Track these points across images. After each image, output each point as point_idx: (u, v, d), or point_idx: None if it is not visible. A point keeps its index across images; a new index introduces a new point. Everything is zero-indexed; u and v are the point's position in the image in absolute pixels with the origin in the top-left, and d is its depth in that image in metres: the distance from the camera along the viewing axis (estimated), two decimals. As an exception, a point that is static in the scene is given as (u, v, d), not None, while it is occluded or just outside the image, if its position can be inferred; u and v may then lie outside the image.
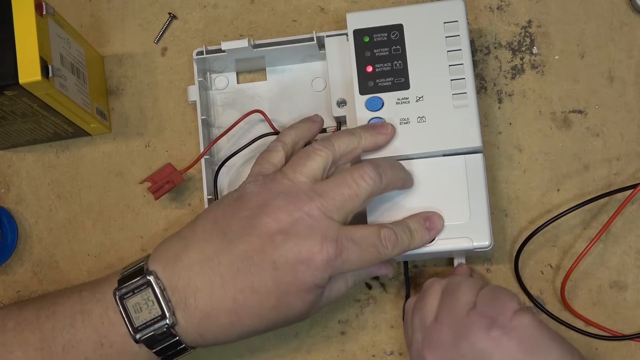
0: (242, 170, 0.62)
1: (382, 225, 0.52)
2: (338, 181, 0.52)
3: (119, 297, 0.51)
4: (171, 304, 0.51)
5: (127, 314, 0.51)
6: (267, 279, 0.50)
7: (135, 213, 0.64)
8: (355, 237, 0.50)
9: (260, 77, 0.64)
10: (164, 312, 0.50)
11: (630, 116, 0.60)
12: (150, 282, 0.51)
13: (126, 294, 0.51)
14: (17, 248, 0.64)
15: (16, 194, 0.65)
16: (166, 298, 0.51)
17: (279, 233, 0.50)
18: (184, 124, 0.64)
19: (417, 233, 0.53)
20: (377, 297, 0.60)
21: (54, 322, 0.52)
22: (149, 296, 0.51)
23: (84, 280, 0.63)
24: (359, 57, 0.57)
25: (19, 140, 0.63)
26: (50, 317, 0.52)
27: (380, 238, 0.51)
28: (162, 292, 0.51)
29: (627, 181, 0.59)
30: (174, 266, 0.51)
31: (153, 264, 0.52)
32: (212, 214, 0.53)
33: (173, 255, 0.52)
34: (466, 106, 0.56)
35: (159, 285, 0.51)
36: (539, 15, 0.62)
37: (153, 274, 0.51)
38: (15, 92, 0.54)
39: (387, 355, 0.60)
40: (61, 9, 0.61)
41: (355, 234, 0.51)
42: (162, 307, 0.50)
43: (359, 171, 0.52)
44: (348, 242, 0.50)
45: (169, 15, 0.65)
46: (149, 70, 0.65)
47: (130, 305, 0.51)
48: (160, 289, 0.51)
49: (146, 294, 0.51)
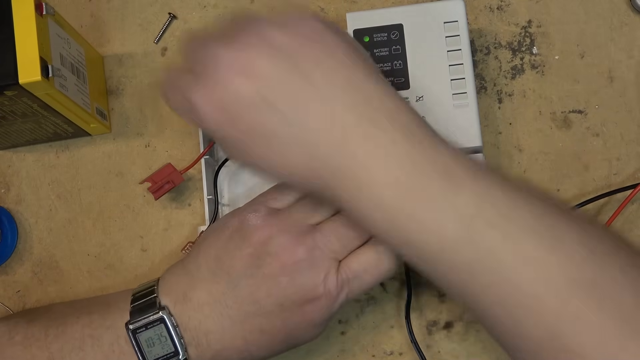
0: (242, 170, 0.62)
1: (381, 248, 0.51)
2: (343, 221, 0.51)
3: (132, 332, 0.51)
4: (184, 340, 0.51)
5: (139, 347, 0.51)
6: (275, 320, 0.50)
7: (135, 213, 0.64)
8: (357, 270, 0.50)
9: (260, 77, 0.64)
10: (177, 349, 0.50)
11: (630, 116, 0.60)
12: (164, 319, 0.51)
13: (139, 329, 0.51)
14: (17, 248, 0.64)
15: (16, 194, 0.65)
16: (179, 335, 0.51)
17: (283, 275, 0.50)
18: (184, 124, 0.64)
19: None
20: (377, 297, 0.60)
21: (63, 342, 0.52)
22: (162, 332, 0.51)
23: (83, 281, 0.63)
24: (359, 57, 0.57)
25: (19, 140, 0.63)
26: (59, 336, 0.52)
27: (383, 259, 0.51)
28: (175, 329, 0.51)
29: (627, 181, 0.59)
30: (183, 306, 0.51)
31: (164, 297, 0.52)
32: (213, 249, 0.52)
33: (182, 293, 0.52)
34: (466, 106, 0.56)
35: (172, 323, 0.51)
36: (539, 15, 0.62)
37: (166, 310, 0.51)
38: (15, 92, 0.54)
39: (387, 355, 0.60)
40: (61, 9, 0.61)
41: (356, 266, 0.50)
42: (175, 345, 0.50)
43: None
44: (349, 277, 0.50)
45: (169, 15, 0.65)
46: (149, 70, 0.65)
47: (143, 340, 0.51)
48: (173, 326, 0.51)
49: (159, 329, 0.51)
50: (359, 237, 0.51)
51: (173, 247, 0.63)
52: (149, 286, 0.53)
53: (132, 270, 0.63)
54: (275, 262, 0.50)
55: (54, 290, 0.63)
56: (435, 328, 0.59)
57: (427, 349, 0.59)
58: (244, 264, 0.50)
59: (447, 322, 0.59)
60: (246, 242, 0.51)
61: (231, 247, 0.51)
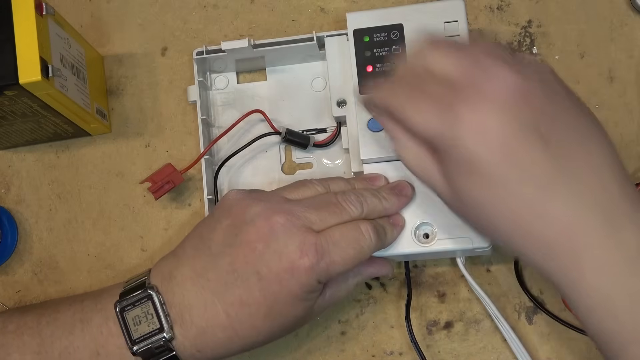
0: (242, 170, 0.62)
1: (360, 221, 0.52)
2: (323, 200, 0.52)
3: (120, 310, 0.51)
4: (170, 318, 0.51)
5: (125, 325, 0.51)
6: (254, 290, 0.50)
7: (135, 213, 0.64)
8: (335, 238, 0.50)
9: (260, 77, 0.64)
10: (162, 326, 0.50)
11: (630, 116, 0.60)
12: (152, 295, 0.51)
13: (127, 307, 0.51)
14: (17, 248, 0.64)
15: (16, 194, 0.65)
16: (165, 312, 0.51)
17: (259, 241, 0.50)
18: (184, 124, 0.64)
19: (387, 228, 0.53)
20: (377, 297, 0.60)
21: (54, 328, 0.52)
22: (148, 309, 0.51)
23: (83, 281, 0.63)
24: (359, 56, 0.57)
25: (19, 140, 0.63)
26: (50, 323, 0.53)
27: (362, 231, 0.51)
28: (162, 306, 0.51)
29: (627, 181, 0.59)
30: (169, 283, 0.52)
31: (154, 279, 0.52)
32: (198, 230, 0.53)
33: (168, 273, 0.52)
34: (466, 106, 0.56)
35: (159, 299, 0.51)
36: (539, 15, 0.62)
37: (154, 289, 0.51)
38: (15, 92, 0.54)
39: (387, 355, 0.60)
40: (61, 9, 0.61)
41: (335, 235, 0.50)
42: (160, 321, 0.50)
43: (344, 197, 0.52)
44: (328, 245, 0.50)
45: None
46: (149, 70, 0.65)
47: (130, 318, 0.51)
48: (160, 302, 0.51)
49: (146, 307, 0.51)
50: (336, 216, 0.51)
51: (173, 247, 0.62)
52: (141, 273, 0.54)
53: (132, 270, 0.63)
54: (251, 229, 0.50)
55: (54, 290, 0.63)
56: (435, 328, 0.59)
57: (427, 349, 0.59)
58: (223, 235, 0.51)
59: (447, 322, 0.59)
60: (225, 215, 0.52)
61: (212, 222, 0.52)
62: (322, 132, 0.62)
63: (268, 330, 0.51)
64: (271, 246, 0.49)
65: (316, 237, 0.50)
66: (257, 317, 0.50)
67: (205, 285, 0.50)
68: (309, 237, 0.49)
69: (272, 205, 0.51)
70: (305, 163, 0.62)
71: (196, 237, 0.53)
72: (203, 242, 0.52)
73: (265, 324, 0.51)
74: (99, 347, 0.51)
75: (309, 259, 0.49)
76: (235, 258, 0.50)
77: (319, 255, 0.49)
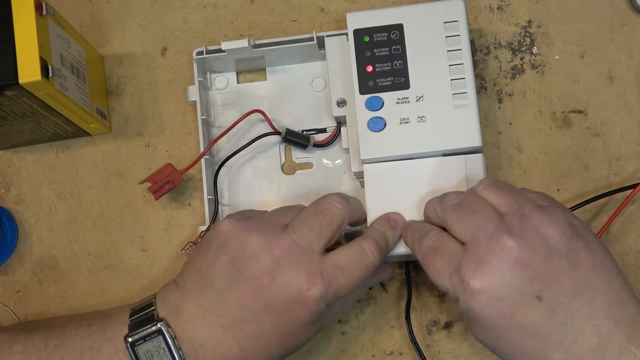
0: (242, 170, 0.62)
1: (362, 239, 0.52)
2: (310, 211, 0.52)
3: (131, 344, 0.51)
4: (182, 352, 0.51)
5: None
6: (265, 323, 0.50)
7: (135, 213, 0.64)
8: (340, 263, 0.51)
9: (260, 77, 0.64)
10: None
11: (630, 116, 0.60)
12: (162, 330, 0.51)
13: (137, 341, 0.51)
14: (17, 248, 0.64)
15: (16, 194, 0.65)
16: (177, 346, 0.51)
17: (265, 276, 0.50)
18: (184, 124, 0.64)
19: (388, 233, 0.54)
20: (377, 297, 0.60)
21: (62, 353, 0.52)
22: (160, 344, 0.51)
23: (83, 281, 0.63)
24: (359, 56, 0.57)
25: (19, 140, 0.63)
26: (58, 347, 0.52)
27: (365, 251, 0.51)
28: (173, 340, 0.51)
29: (627, 181, 0.59)
30: (176, 318, 0.51)
31: (160, 310, 0.52)
32: (195, 263, 0.53)
33: (174, 305, 0.52)
34: (466, 106, 0.56)
35: (170, 334, 0.51)
36: (539, 15, 0.62)
37: (164, 322, 0.51)
38: (15, 92, 0.54)
39: (387, 355, 0.60)
40: (61, 9, 0.61)
41: (340, 260, 0.51)
42: (173, 356, 0.50)
43: (327, 199, 0.53)
44: (334, 271, 0.50)
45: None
46: (149, 70, 0.65)
47: (142, 352, 0.51)
48: (171, 337, 0.51)
49: (157, 341, 0.51)
50: (330, 222, 0.51)
51: (173, 247, 0.63)
52: (147, 301, 0.53)
53: (132, 270, 0.63)
54: (255, 265, 0.50)
55: (54, 290, 0.63)
56: (435, 328, 0.59)
57: (427, 349, 0.59)
58: (225, 271, 0.51)
59: (447, 322, 0.59)
60: (223, 249, 0.51)
61: (210, 257, 0.52)
62: (322, 132, 0.62)
63: (281, 354, 0.52)
64: (277, 280, 0.50)
65: (321, 264, 0.50)
66: (270, 347, 0.51)
67: (215, 321, 0.51)
68: (313, 267, 0.50)
69: (269, 235, 0.51)
70: (305, 163, 0.62)
71: (194, 271, 0.52)
72: (204, 278, 0.52)
73: (279, 351, 0.52)
74: None
75: (317, 289, 0.49)
76: (243, 294, 0.50)
77: (327, 283, 0.50)
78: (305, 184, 0.62)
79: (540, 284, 0.45)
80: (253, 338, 0.50)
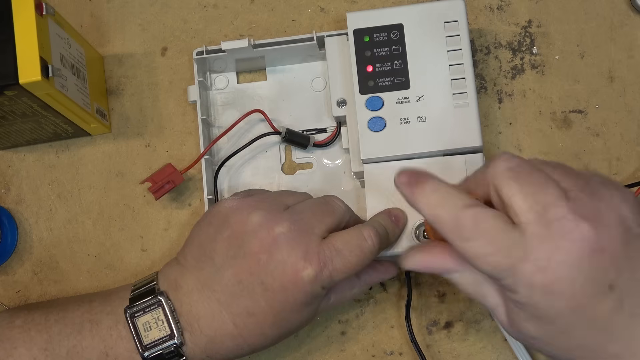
0: (242, 170, 0.62)
1: (361, 225, 0.52)
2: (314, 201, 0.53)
3: (130, 315, 0.52)
4: (180, 324, 0.51)
5: (136, 331, 0.51)
6: (260, 300, 0.50)
7: (135, 213, 0.64)
8: (338, 245, 0.51)
9: (260, 77, 0.64)
10: (173, 332, 0.51)
11: (630, 116, 0.60)
12: (162, 302, 0.51)
13: (137, 312, 0.52)
14: (17, 248, 0.64)
15: (16, 194, 0.65)
16: (175, 319, 0.51)
17: (263, 252, 0.50)
18: (184, 124, 0.64)
19: (389, 226, 0.54)
20: (377, 297, 0.60)
21: (62, 326, 0.53)
22: (159, 315, 0.51)
23: (83, 281, 0.63)
24: (359, 56, 0.57)
25: (19, 140, 0.63)
26: (59, 321, 0.53)
27: (365, 237, 0.51)
28: (172, 312, 0.51)
29: (627, 181, 0.59)
30: (176, 292, 0.52)
31: (162, 285, 0.53)
32: (196, 238, 0.53)
33: (174, 280, 0.53)
34: (466, 106, 0.56)
35: (169, 306, 0.51)
36: (539, 15, 0.62)
37: (164, 295, 0.52)
38: (15, 92, 0.54)
39: (387, 355, 0.60)
40: (61, 9, 0.61)
41: (337, 242, 0.51)
42: (171, 327, 0.51)
43: (330, 196, 0.54)
44: (331, 252, 0.50)
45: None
46: (149, 70, 0.65)
47: (140, 324, 0.51)
48: (170, 309, 0.51)
49: (156, 313, 0.51)
50: (332, 213, 0.52)
51: (173, 247, 0.63)
52: (149, 277, 0.54)
53: (132, 270, 0.63)
54: (254, 241, 0.50)
55: (54, 290, 0.63)
56: (435, 328, 0.59)
57: (427, 349, 0.59)
58: (226, 246, 0.51)
59: (447, 322, 0.59)
60: (225, 225, 0.52)
61: (211, 232, 0.52)
62: (322, 132, 0.62)
63: (276, 335, 0.52)
64: (275, 257, 0.50)
65: (319, 245, 0.50)
66: (264, 325, 0.51)
67: (212, 296, 0.51)
68: (311, 246, 0.50)
69: (272, 213, 0.51)
70: (305, 163, 0.62)
71: (196, 246, 0.53)
72: (205, 252, 0.52)
73: (273, 331, 0.52)
74: (108, 349, 0.52)
75: (312, 268, 0.49)
76: (240, 270, 0.50)
77: (322, 264, 0.50)
78: (305, 184, 0.62)
79: (614, 271, 0.41)
80: (247, 315, 0.51)
